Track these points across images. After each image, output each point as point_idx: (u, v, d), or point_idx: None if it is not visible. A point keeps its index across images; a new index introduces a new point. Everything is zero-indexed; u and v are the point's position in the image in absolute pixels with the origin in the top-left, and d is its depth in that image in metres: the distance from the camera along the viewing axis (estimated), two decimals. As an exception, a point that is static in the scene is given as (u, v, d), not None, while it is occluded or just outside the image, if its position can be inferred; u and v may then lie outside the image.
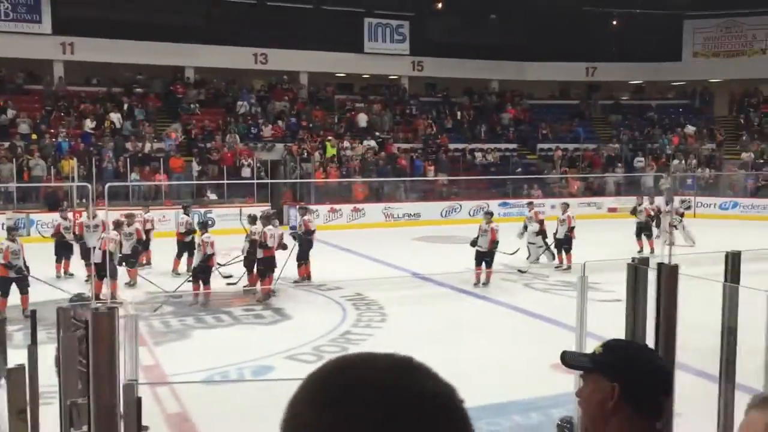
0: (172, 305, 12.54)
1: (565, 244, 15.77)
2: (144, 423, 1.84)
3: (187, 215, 15.49)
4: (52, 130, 23.12)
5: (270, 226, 13.15)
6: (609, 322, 3.46)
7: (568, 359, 1.70)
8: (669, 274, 2.04)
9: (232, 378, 8.84)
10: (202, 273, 12.64)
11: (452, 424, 0.78)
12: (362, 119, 27.88)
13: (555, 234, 15.99)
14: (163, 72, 27.19)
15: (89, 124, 23.87)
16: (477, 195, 25.96)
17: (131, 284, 13.66)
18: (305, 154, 24.95)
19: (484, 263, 13.90)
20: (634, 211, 18.26)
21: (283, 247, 13.11)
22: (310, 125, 26.99)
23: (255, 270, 13.16)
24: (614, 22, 31.19)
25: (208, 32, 26.54)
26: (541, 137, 30.18)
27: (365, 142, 26.30)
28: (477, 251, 13.97)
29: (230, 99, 27.28)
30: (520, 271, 14.63)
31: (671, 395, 1.88)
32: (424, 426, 0.75)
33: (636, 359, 1.62)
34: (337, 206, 23.26)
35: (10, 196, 20.99)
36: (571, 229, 15.80)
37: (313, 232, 14.64)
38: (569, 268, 15.22)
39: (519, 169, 27.33)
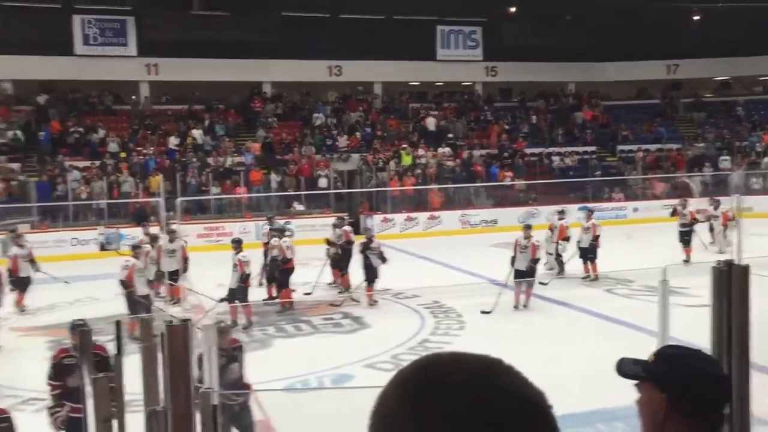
0: (255, 315, 12.80)
1: (589, 253, 14.93)
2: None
3: (272, 225, 15.69)
4: (140, 148, 24.12)
5: (285, 239, 13.32)
6: (696, 327, 3.32)
7: (624, 368, 1.66)
8: (740, 275, 1.95)
9: (312, 386, 8.96)
10: (239, 294, 11.88)
11: (542, 427, 0.77)
12: (431, 123, 27.87)
13: (579, 243, 15.11)
14: (242, 88, 27.96)
15: (173, 141, 24.78)
16: (555, 200, 25.43)
17: (174, 302, 13.44)
18: (380, 163, 25.12)
19: (525, 284, 12.55)
20: (674, 213, 16.89)
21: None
22: (385, 134, 27.18)
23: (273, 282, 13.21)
24: (695, 17, 30.08)
25: (283, 47, 27.15)
26: (621, 138, 29.38)
27: (440, 150, 26.25)
28: (516, 271, 12.56)
29: (306, 111, 27.79)
30: (541, 283, 13.43)
31: (730, 402, 1.81)
32: (513, 428, 0.74)
33: (687, 368, 1.56)
34: (413, 214, 23.28)
35: (102, 212, 21.98)
36: (596, 238, 14.97)
37: (352, 243, 14.40)
38: (596, 278, 14.69)
39: (598, 172, 26.66)
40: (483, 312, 12.06)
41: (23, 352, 10.31)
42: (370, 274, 13.00)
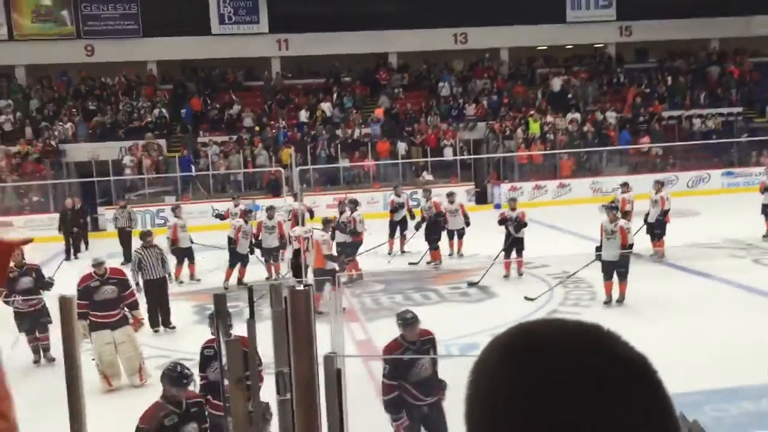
0: (383, 283, 13.06)
1: (656, 229, 13.58)
2: (353, 393, 1.93)
3: (398, 196, 15.89)
4: (272, 122, 25.03)
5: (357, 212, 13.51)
6: None
7: None
8: None
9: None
10: (349, 249, 12.91)
11: (648, 389, 0.73)
12: (556, 84, 26.95)
13: (646, 217, 13.83)
14: (368, 59, 28.24)
15: (303, 115, 25.51)
16: (696, 165, 24.03)
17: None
18: (507, 131, 24.65)
19: (617, 275, 10.90)
20: (766, 190, 14.68)
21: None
22: (512, 102, 26.59)
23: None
24: None
25: (407, 17, 27.09)
26: (772, 97, 27.13)
27: (569, 115, 25.36)
28: (604, 263, 10.99)
29: (432, 81, 27.68)
30: (527, 298, 11.28)
31: None
32: (617, 390, 0.71)
33: None
34: (542, 182, 22.75)
35: (239, 183, 23.09)
36: (664, 213, 13.57)
37: (443, 215, 14.29)
38: (662, 256, 13.49)
39: (745, 135, 24.82)
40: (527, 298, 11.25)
41: (172, 316, 10.99)
42: (512, 245, 12.82)
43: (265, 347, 2.15)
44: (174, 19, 26.25)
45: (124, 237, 16.05)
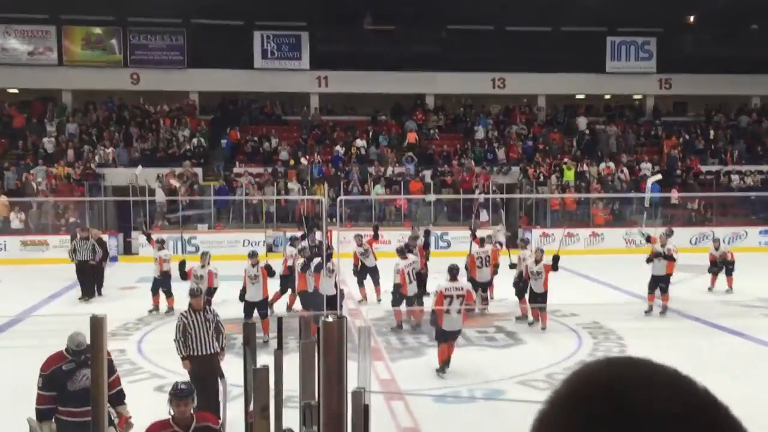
0: (408, 323, 12.95)
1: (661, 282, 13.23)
2: (374, 430, 1.91)
3: (426, 236, 15.74)
4: (308, 156, 25.31)
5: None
6: None
7: None
8: None
9: (463, 398, 8.90)
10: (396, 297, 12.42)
11: None
12: (582, 123, 27.09)
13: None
14: (406, 99, 28.51)
15: (339, 150, 25.75)
16: (732, 221, 23.65)
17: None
18: (541, 177, 24.58)
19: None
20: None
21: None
22: (547, 148, 26.57)
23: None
24: None
25: (447, 60, 27.37)
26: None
27: (602, 165, 25.24)
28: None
29: (468, 123, 27.81)
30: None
31: None
32: None
33: None
34: (574, 230, 22.55)
35: (271, 216, 23.26)
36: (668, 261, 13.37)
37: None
38: (665, 309, 13.21)
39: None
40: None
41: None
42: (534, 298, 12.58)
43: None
44: (218, 52, 26.89)
45: (85, 271, 15.11)
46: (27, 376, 6.45)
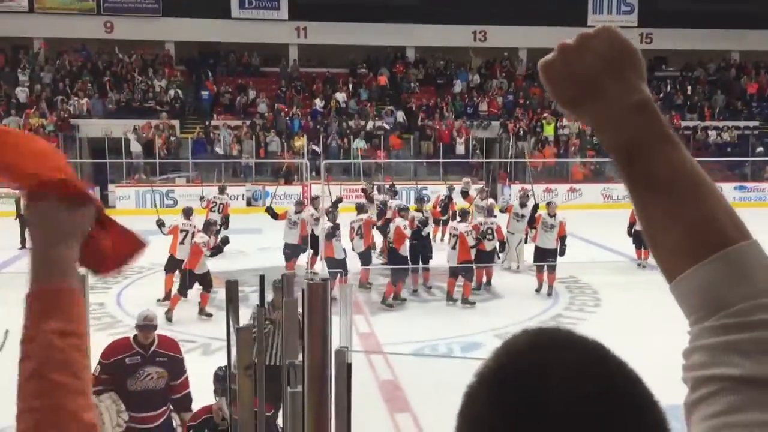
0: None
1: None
2: (357, 387, 1.93)
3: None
4: (287, 110, 25.02)
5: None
6: None
7: None
8: None
9: (441, 352, 9.05)
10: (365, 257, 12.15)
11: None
12: None
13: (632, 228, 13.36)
14: (385, 52, 28.17)
15: (318, 104, 25.49)
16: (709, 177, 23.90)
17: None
18: (521, 132, 24.58)
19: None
20: None
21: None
22: (527, 102, 26.51)
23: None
24: None
25: (427, 11, 26.99)
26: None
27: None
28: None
29: (448, 77, 27.60)
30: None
31: None
32: None
33: None
34: (552, 186, 22.67)
35: (250, 169, 23.11)
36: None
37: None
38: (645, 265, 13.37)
39: (760, 149, 24.66)
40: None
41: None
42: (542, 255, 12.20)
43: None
44: (195, 1, 26.25)
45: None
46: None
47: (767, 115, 27.19)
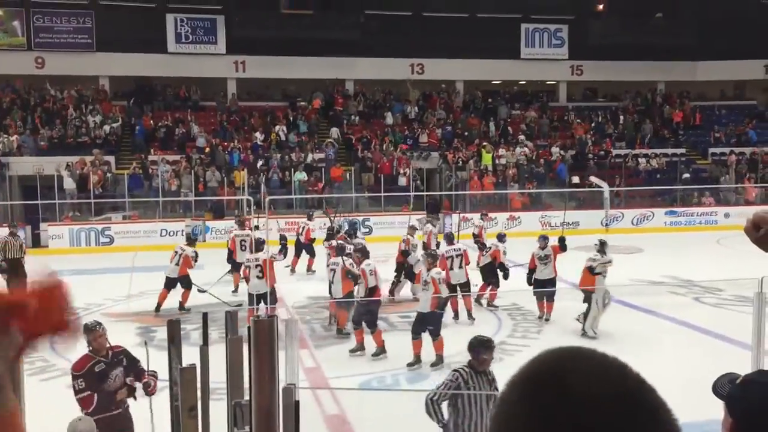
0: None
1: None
2: (303, 423, 1.90)
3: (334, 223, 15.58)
4: (226, 143, 24.79)
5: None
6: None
7: (716, 384, 1.60)
8: None
9: (388, 384, 8.99)
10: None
11: None
12: (503, 112, 28.17)
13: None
14: (325, 85, 28.33)
15: (258, 137, 25.35)
16: (640, 203, 24.73)
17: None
18: (460, 162, 24.96)
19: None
20: None
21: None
22: (466, 133, 26.99)
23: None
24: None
25: (366, 45, 27.33)
26: (714, 141, 28.19)
27: (518, 149, 25.89)
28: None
29: (388, 109, 27.89)
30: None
31: None
32: None
33: (760, 398, 1.46)
34: (492, 214, 23.01)
35: (189, 204, 22.72)
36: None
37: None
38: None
39: (686, 176, 25.64)
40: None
41: (115, 335, 10.55)
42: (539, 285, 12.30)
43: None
44: (129, 35, 25.91)
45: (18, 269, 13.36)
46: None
47: (693, 142, 28.37)
